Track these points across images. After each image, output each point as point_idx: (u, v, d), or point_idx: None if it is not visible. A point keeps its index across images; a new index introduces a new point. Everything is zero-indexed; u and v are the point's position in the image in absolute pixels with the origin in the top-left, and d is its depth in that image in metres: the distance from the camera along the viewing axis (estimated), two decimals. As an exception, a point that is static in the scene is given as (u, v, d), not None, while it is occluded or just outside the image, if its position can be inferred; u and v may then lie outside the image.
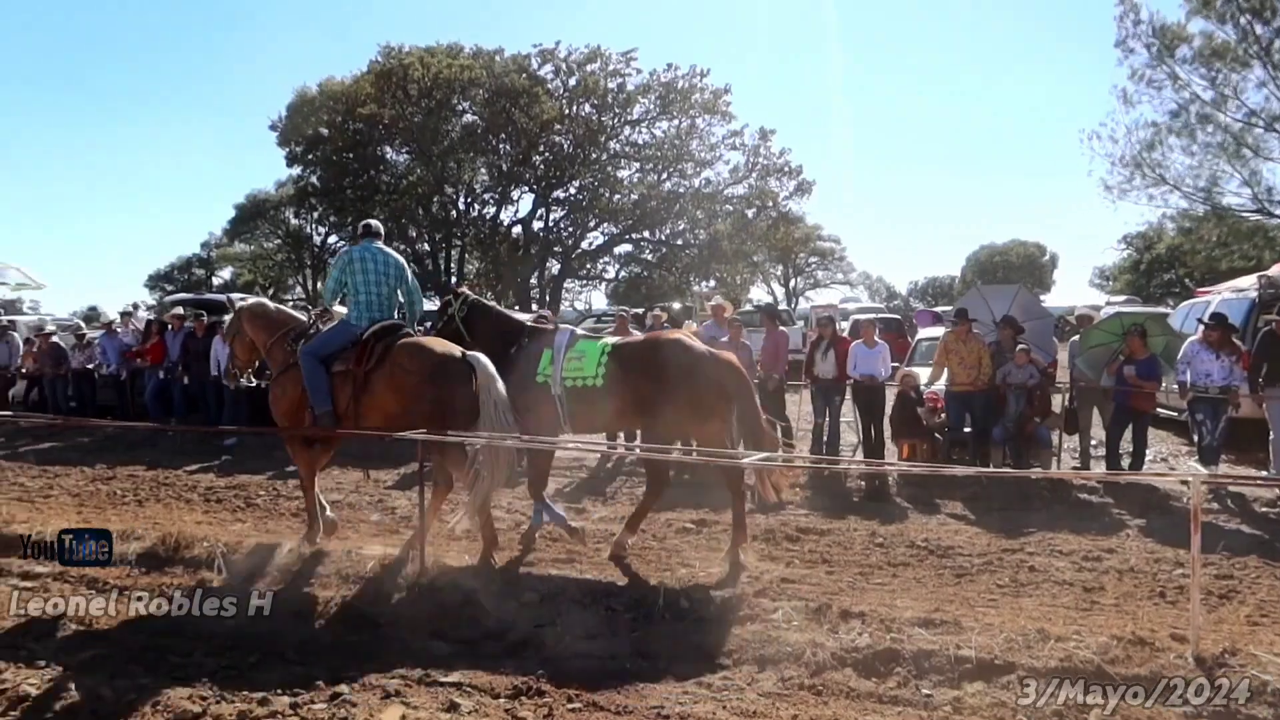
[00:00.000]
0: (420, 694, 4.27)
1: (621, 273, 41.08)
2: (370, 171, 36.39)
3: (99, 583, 6.03)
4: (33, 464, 11.16)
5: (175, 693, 4.22)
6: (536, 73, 35.07)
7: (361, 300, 6.70)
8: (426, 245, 39.61)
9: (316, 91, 36.21)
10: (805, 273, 61.33)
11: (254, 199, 51.18)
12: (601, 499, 8.95)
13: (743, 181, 36.29)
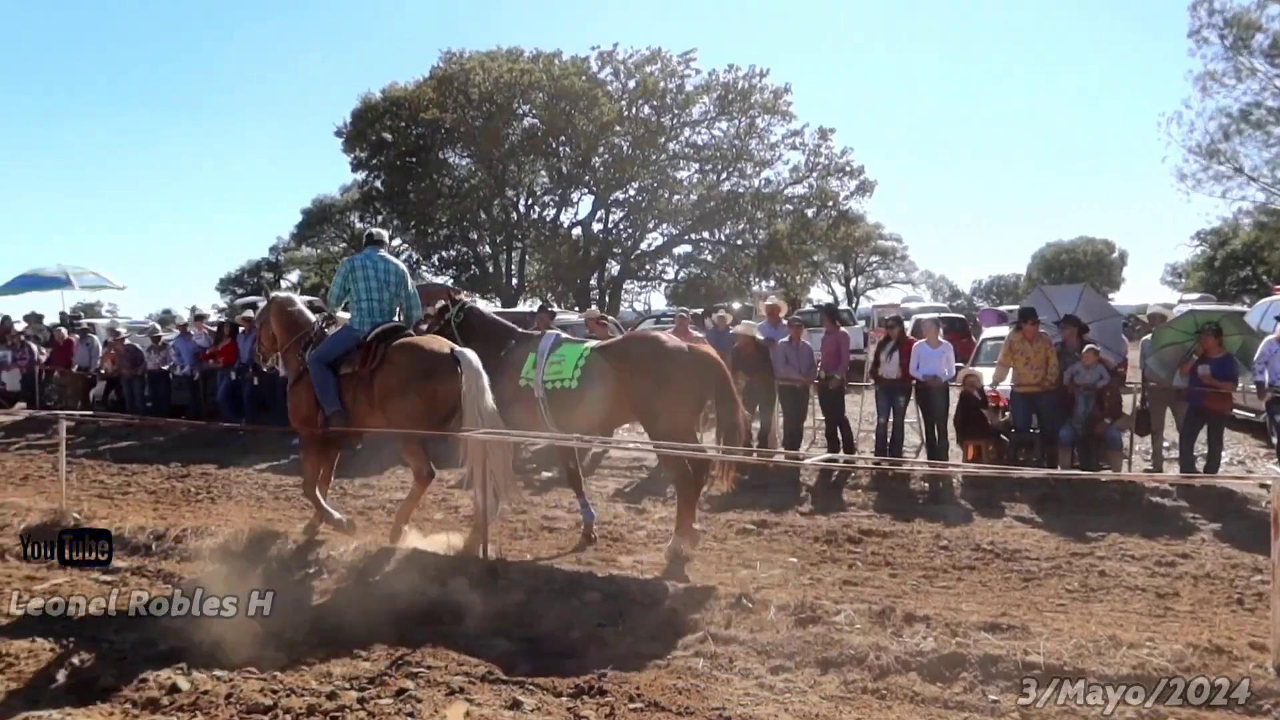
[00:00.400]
0: (484, 691, 4.33)
1: (681, 273, 41.07)
2: (432, 175, 36.85)
3: (175, 577, 6.24)
4: (111, 462, 11.56)
5: (248, 685, 4.34)
6: (596, 75, 35.24)
7: (364, 306, 7.05)
8: (487, 248, 40.04)
9: (380, 98, 36.81)
10: (866, 272, 60.48)
11: (320, 204, 52.30)
12: (661, 499, 8.94)
13: (803, 181, 36.09)
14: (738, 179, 36.42)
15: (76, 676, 4.55)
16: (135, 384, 15.11)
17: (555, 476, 10.01)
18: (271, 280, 54.83)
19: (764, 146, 36.05)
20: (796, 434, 10.72)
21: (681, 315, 12.62)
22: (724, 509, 8.37)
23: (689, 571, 6.31)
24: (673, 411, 6.73)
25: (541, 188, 38.79)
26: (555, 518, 8.02)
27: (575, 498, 7.67)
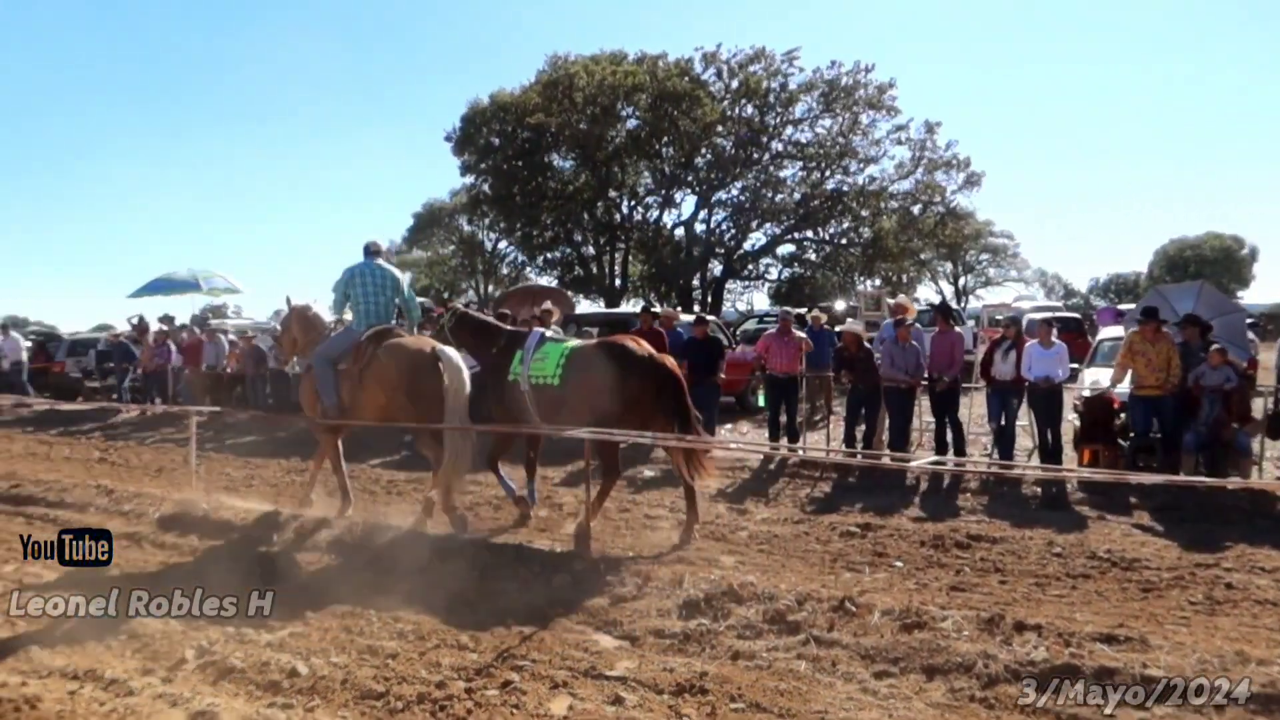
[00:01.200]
0: (586, 686, 4.40)
1: (784, 273, 40.57)
2: (538, 178, 37.35)
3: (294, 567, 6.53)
4: (236, 456, 12.15)
5: (362, 672, 4.52)
6: (699, 76, 35.15)
7: (361, 309, 7.83)
8: (591, 249, 40.38)
9: (488, 103, 37.57)
10: (976, 270, 58.75)
11: (430, 207, 53.83)
12: (764, 500, 8.92)
13: (908, 177, 35.18)
14: (842, 176, 35.78)
15: (204, 655, 4.81)
16: (258, 382, 15.85)
17: (657, 475, 10.10)
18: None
19: (868, 143, 35.33)
20: (903, 436, 10.50)
21: (784, 315, 12.53)
22: (827, 511, 8.30)
23: (790, 572, 6.28)
24: (632, 409, 7.13)
25: (644, 189, 38.88)
26: (657, 516, 8.08)
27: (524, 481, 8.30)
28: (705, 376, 11.57)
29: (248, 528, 7.56)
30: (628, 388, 7.08)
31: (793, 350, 11.44)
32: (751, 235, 38.17)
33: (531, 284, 31.55)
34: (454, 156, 38.91)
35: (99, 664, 4.72)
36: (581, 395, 7.23)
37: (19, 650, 4.95)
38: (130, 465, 11.59)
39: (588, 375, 7.25)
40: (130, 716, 4.08)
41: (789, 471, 10.21)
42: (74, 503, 8.77)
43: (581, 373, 7.29)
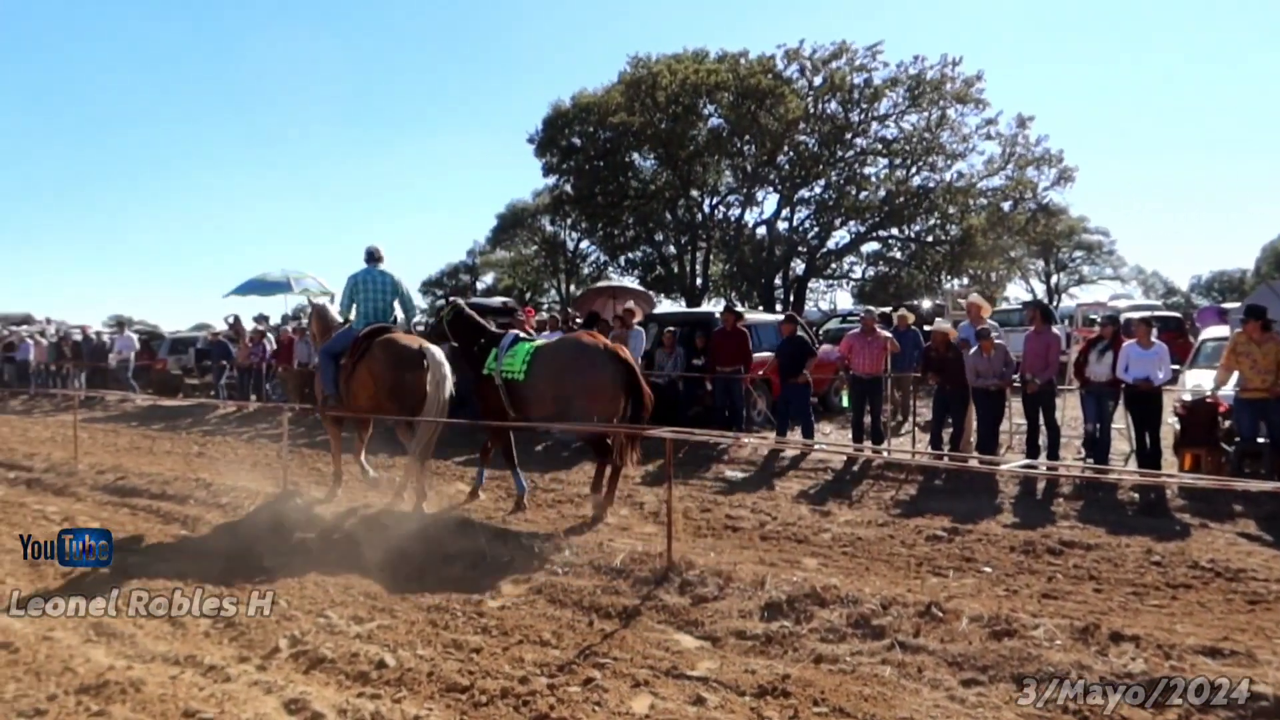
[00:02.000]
0: (667, 685, 4.40)
1: (868, 271, 39.95)
2: (620, 178, 37.52)
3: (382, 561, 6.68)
4: (327, 451, 12.48)
5: (447, 665, 4.60)
6: (782, 73, 34.85)
7: (362, 310, 8.73)
8: (672, 248, 40.39)
9: (570, 104, 37.89)
10: (1069, 268, 56.79)
11: (513, 208, 54.45)
12: (847, 502, 8.79)
13: (998, 173, 34.25)
14: (928, 173, 35.03)
15: (296, 645, 4.96)
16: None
17: (738, 476, 10.05)
18: (468, 282, 57.72)
19: (956, 138, 34.51)
20: (992, 438, 10.22)
21: (867, 314, 12.33)
22: (912, 514, 8.14)
23: (875, 576, 6.18)
24: (592, 399, 7.85)
25: (726, 187, 38.72)
26: (739, 517, 8.03)
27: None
28: (793, 375, 11.49)
29: (336, 521, 7.76)
30: (585, 378, 7.83)
31: (877, 350, 11.25)
32: (835, 233, 37.72)
33: (612, 283, 31.65)
34: (536, 158, 39.37)
35: (198, 651, 4.91)
36: (544, 388, 8.00)
37: (124, 635, 5.18)
38: (227, 459, 12.01)
39: (549, 369, 8.00)
40: (227, 702, 4.23)
41: (873, 473, 10.05)
42: (175, 495, 9.13)
43: (544, 367, 8.03)
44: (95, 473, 10.30)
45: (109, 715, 4.11)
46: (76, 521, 8.20)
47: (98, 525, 8.00)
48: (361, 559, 6.68)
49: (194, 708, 4.16)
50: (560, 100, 38.28)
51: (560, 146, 38.29)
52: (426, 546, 6.93)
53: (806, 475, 10.03)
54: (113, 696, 4.29)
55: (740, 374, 12.06)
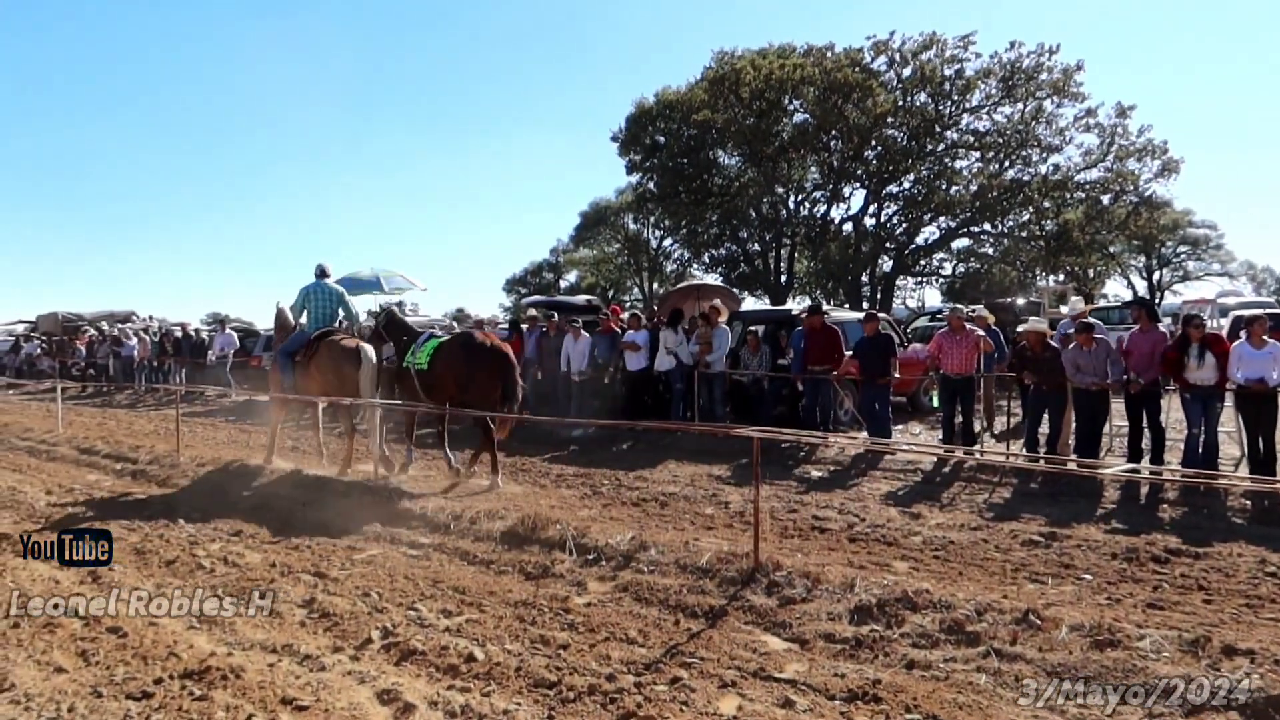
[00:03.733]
0: (755, 687, 4.34)
1: (959, 268, 39.00)
2: (703, 175, 37.38)
3: (470, 555, 6.78)
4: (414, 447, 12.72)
5: (535, 661, 4.63)
6: (869, 65, 34.24)
7: (313, 316, 10.57)
8: (756, 245, 40.08)
9: (654, 102, 37.92)
10: (1173, 264, 54.37)
11: (597, 207, 54.82)
12: (938, 504, 8.57)
13: (1097, 165, 32.99)
14: (1022, 166, 33.94)
15: (388, 637, 5.05)
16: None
17: (825, 476, 9.91)
18: (551, 280, 58.28)
19: (1052, 130, 33.33)
20: (1092, 440, 9.84)
21: (955, 312, 11.98)
22: (1006, 518, 7.89)
23: (968, 581, 6.01)
24: (477, 386, 9.57)
25: (812, 183, 38.26)
26: (826, 518, 7.91)
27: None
28: (877, 375, 11.27)
29: (425, 516, 7.88)
30: (470, 368, 9.55)
31: (968, 349, 10.96)
32: (924, 229, 36.91)
33: (696, 281, 31.56)
34: (620, 156, 39.51)
35: (294, 640, 5.03)
36: (441, 375, 9.70)
37: (225, 623, 5.35)
38: (318, 454, 12.32)
39: (444, 360, 9.71)
40: (323, 691, 4.32)
41: (964, 475, 9.79)
42: (270, 490, 9.41)
43: (441, 359, 9.74)
44: (196, 465, 10.69)
45: (211, 700, 4.24)
46: (179, 511, 8.52)
47: (197, 516, 8.32)
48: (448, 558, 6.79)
49: (291, 695, 4.26)
50: (644, 98, 38.37)
51: (644, 144, 38.34)
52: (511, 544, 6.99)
53: (895, 477, 9.82)
54: (214, 682, 4.43)
55: (828, 373, 11.88)
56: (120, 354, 24.78)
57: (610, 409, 13.13)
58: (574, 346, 13.85)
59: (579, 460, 11.17)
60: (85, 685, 4.46)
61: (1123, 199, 32.83)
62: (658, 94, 37.92)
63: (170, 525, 7.97)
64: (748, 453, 9.66)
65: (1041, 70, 32.58)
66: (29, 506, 8.90)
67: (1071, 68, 32.31)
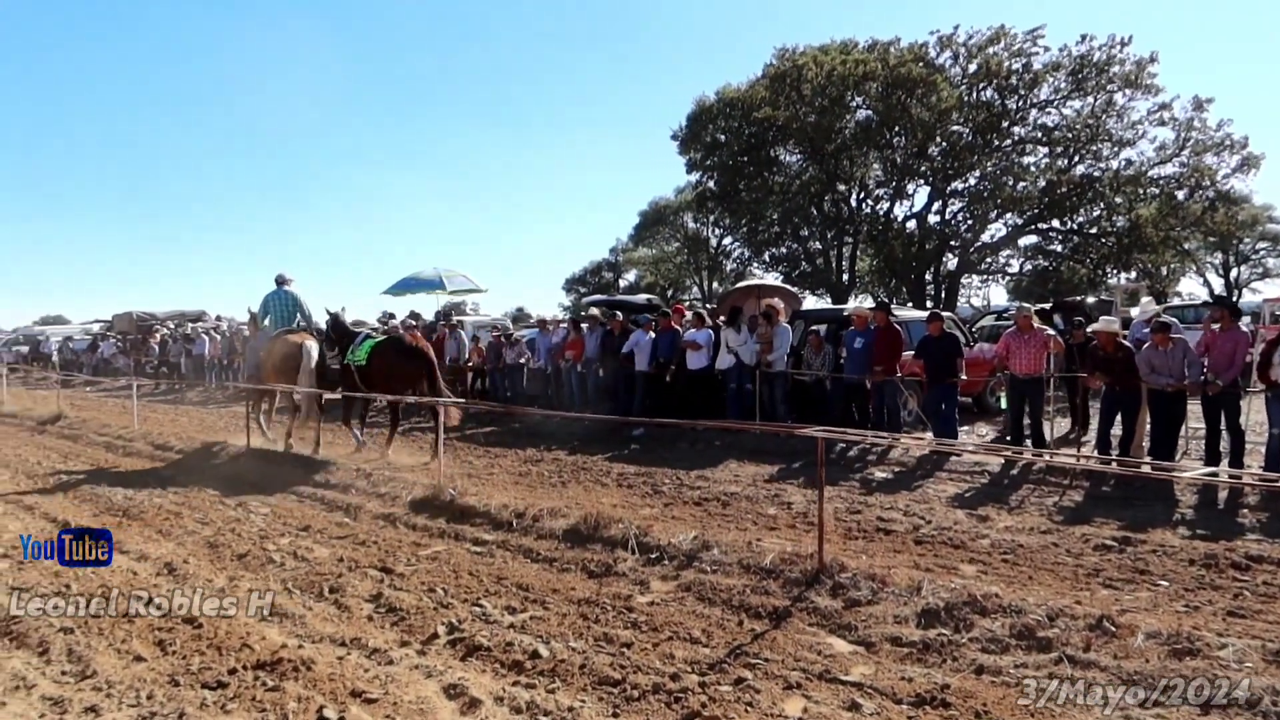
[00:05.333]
0: (821, 689, 4.30)
1: (1026, 266, 38.13)
2: (764, 173, 37.13)
3: (533, 553, 6.82)
4: (477, 445, 12.90)
5: (599, 659, 4.64)
6: (934, 60, 33.73)
7: (274, 318, 12.68)
8: (818, 244, 39.72)
9: (714, 99, 37.79)
10: (1252, 261, 52.47)
11: (656, 206, 54.85)
12: (1006, 508, 8.39)
13: (1172, 160, 32.04)
14: (1093, 161, 33.11)
15: (454, 632, 5.12)
16: (497, 375, 16.77)
17: (889, 478, 9.78)
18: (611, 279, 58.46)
19: (1124, 124, 32.43)
20: (1168, 442, 9.54)
21: (1020, 311, 11.69)
22: (1078, 521, 7.71)
23: (1038, 585, 5.88)
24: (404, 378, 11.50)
25: (874, 181, 37.79)
26: (890, 520, 7.80)
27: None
28: (941, 376, 11.09)
29: (487, 513, 7.96)
30: (398, 364, 11.52)
31: (1037, 349, 10.72)
32: (990, 226, 36.26)
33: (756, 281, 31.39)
34: (680, 154, 39.46)
35: (362, 633, 5.13)
36: (375, 369, 11.54)
37: (295, 616, 5.47)
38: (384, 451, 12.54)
39: (378, 357, 11.59)
40: (391, 684, 4.39)
41: (1033, 478, 9.57)
42: (337, 484, 9.60)
43: (375, 356, 11.60)
44: (264, 462, 10.95)
45: (283, 690, 4.34)
46: (249, 505, 8.74)
47: (266, 510, 8.53)
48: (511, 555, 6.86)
49: (360, 688, 4.33)
50: (704, 95, 38.27)
51: (704, 142, 38.25)
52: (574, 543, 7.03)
53: (961, 479, 9.65)
54: (286, 673, 4.53)
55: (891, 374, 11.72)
56: (192, 352, 25.50)
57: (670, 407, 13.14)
58: (641, 343, 13.82)
59: (640, 459, 11.18)
60: (163, 674, 4.60)
61: (1199, 194, 31.81)
62: (718, 92, 37.79)
63: (241, 520, 8.18)
64: (809, 453, 9.61)
65: (1113, 63, 31.75)
66: (106, 499, 9.20)
67: (1145, 60, 31.44)
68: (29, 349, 37.20)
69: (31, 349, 36.99)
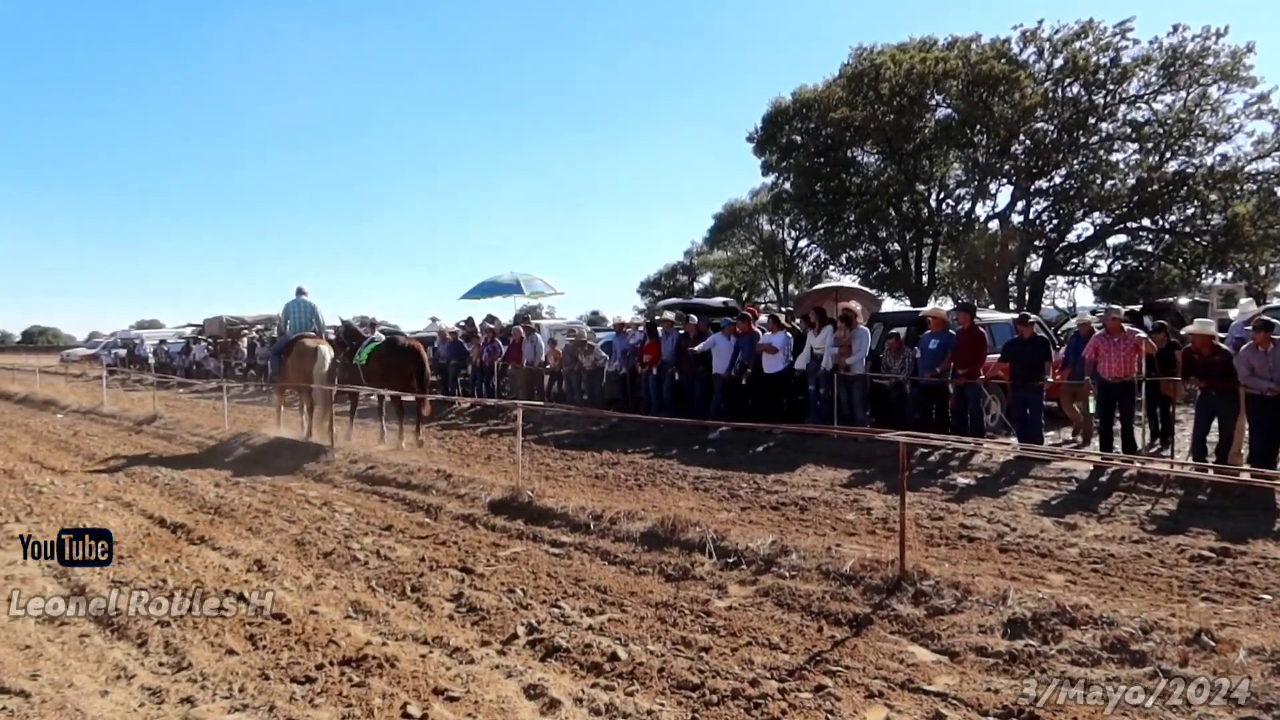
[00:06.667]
0: (903, 698, 4.22)
1: (1114, 266, 36.93)
2: (841, 174, 36.77)
3: (611, 555, 6.84)
4: (555, 448, 12.99)
5: (678, 662, 4.64)
6: (1017, 56, 32.94)
7: (293, 324, 14.06)
8: (896, 245, 39.14)
9: (790, 101, 37.53)
10: (1359, 260, 49.96)
11: (731, 208, 54.70)
12: (1095, 516, 8.13)
13: (1271, 154, 30.76)
14: (1186, 157, 31.95)
15: (533, 633, 5.16)
16: (574, 378, 16.87)
17: (972, 483, 9.57)
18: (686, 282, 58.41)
19: (1219, 118, 31.29)
20: (1269, 449, 9.13)
21: (1112, 312, 11.30)
22: (1172, 531, 7.43)
23: (1130, 597, 5.68)
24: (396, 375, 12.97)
25: (955, 180, 37.12)
26: (974, 527, 7.62)
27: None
28: (1029, 379, 10.81)
29: (565, 515, 8.02)
30: (392, 362, 13.11)
31: (1127, 351, 10.36)
32: (1076, 225, 35.24)
33: (833, 283, 31.04)
34: (755, 156, 39.28)
35: (443, 632, 5.21)
36: (373, 368, 13.16)
37: (379, 614, 5.59)
38: (464, 453, 12.74)
39: (377, 358, 13.24)
40: (472, 683, 4.45)
41: (1124, 485, 9.25)
42: (419, 484, 9.77)
43: (373, 357, 13.26)
44: (349, 461, 11.21)
45: (368, 687, 4.43)
46: (334, 505, 8.96)
47: (351, 510, 8.73)
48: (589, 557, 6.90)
49: (443, 686, 4.40)
50: (780, 97, 38.09)
51: (780, 144, 38.04)
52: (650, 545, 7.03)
53: (1047, 485, 9.38)
54: (371, 670, 4.63)
55: (976, 377, 11.47)
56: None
57: (746, 411, 13.07)
58: (719, 346, 13.77)
59: (716, 462, 11.14)
60: (254, 668, 4.74)
61: (1301, 190, 30.44)
62: (794, 93, 37.56)
63: (327, 518, 8.39)
64: (888, 457, 9.48)
65: (1207, 54, 30.63)
66: (199, 497, 9.53)
67: (1241, 50, 30.27)
68: (127, 352, 38.80)
69: (129, 352, 38.56)
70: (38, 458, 12.81)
